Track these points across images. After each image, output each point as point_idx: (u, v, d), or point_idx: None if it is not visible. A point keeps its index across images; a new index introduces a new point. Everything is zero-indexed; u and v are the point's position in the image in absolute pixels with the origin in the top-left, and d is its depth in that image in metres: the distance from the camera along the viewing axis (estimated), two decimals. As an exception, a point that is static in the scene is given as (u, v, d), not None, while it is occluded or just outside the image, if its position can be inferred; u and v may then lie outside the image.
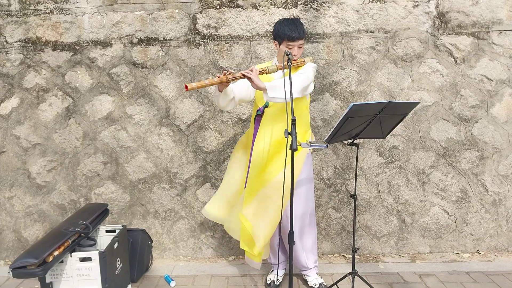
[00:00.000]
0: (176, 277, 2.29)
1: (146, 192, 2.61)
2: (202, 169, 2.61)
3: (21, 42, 2.64)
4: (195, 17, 2.61)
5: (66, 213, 2.61)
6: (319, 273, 2.17)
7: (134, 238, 2.27)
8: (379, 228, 2.59)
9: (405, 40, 2.61)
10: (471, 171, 2.59)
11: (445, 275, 2.25)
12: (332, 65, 2.62)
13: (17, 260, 1.59)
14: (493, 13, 2.59)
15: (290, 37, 1.83)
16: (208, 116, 2.62)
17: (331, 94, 2.61)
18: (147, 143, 2.62)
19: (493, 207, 2.58)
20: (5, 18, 2.64)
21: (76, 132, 2.63)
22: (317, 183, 2.57)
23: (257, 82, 1.71)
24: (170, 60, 2.63)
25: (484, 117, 2.60)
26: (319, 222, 2.57)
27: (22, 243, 2.61)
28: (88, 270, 1.77)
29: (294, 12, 2.60)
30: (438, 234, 2.58)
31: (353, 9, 2.60)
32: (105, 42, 2.63)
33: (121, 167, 2.61)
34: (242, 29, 2.61)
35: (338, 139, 1.69)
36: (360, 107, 1.53)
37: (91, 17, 2.62)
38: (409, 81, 2.61)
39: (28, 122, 2.63)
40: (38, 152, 2.63)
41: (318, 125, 2.60)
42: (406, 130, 2.60)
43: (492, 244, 2.57)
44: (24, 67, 2.65)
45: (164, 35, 2.62)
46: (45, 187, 2.62)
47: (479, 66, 2.61)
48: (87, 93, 2.64)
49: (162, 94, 2.64)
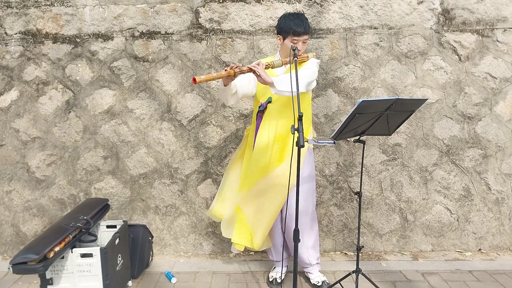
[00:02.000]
0: (176, 273, 2.27)
1: (146, 187, 2.59)
2: (204, 165, 2.59)
3: (21, 34, 2.59)
4: (198, 11, 2.58)
5: (65, 208, 2.58)
6: (321, 271, 2.16)
7: (135, 234, 2.25)
8: (381, 225, 2.57)
9: (409, 36, 2.59)
10: (474, 169, 2.58)
11: (448, 274, 2.24)
12: (336, 61, 2.59)
13: (17, 255, 1.56)
14: (498, 10, 2.58)
15: (295, 32, 1.81)
16: (210, 111, 2.59)
17: (334, 90, 2.58)
18: (148, 138, 2.59)
19: (496, 206, 2.57)
20: (5, 10, 2.59)
21: (76, 126, 2.59)
22: (319, 180, 2.56)
23: (264, 76, 1.70)
24: (172, 54, 2.60)
25: (487, 115, 2.59)
26: (321, 220, 2.56)
27: (20, 238, 2.58)
28: (89, 266, 1.75)
29: (298, 7, 2.57)
30: (441, 232, 2.57)
31: (357, 4, 2.57)
32: (106, 35, 2.59)
33: (121, 162, 2.58)
34: (245, 23, 2.58)
35: (345, 135, 1.67)
36: (368, 104, 1.52)
37: (92, 9, 2.58)
38: (412, 78, 2.59)
39: (28, 115, 2.60)
40: (37, 145, 2.59)
41: (321, 122, 2.58)
42: (409, 128, 2.58)
43: (494, 243, 2.57)
44: (24, 60, 2.61)
45: (166, 28, 2.58)
46: (45, 181, 2.59)
47: (483, 64, 2.59)
48: (88, 86, 2.60)
49: (164, 89, 2.60)
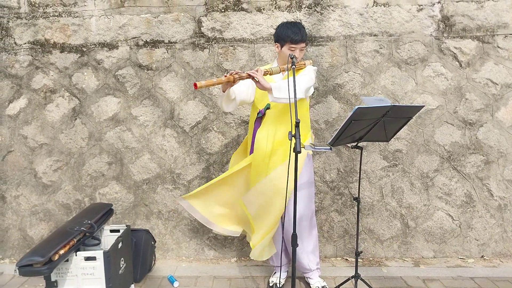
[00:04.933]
0: (178, 277, 2.29)
1: (150, 192, 2.63)
2: (205, 170, 2.62)
3: (30, 44, 2.69)
4: (200, 20, 2.64)
5: (71, 213, 2.63)
6: (322, 276, 2.17)
7: (137, 238, 2.29)
8: (382, 231, 2.57)
9: (409, 43, 2.61)
10: (476, 176, 2.57)
11: (450, 280, 2.23)
12: (336, 68, 2.62)
13: (23, 258, 1.60)
14: (498, 17, 2.59)
15: (293, 40, 1.85)
16: (212, 117, 2.64)
17: (334, 97, 2.61)
18: (152, 144, 2.65)
19: (498, 212, 2.55)
20: (14, 21, 2.69)
21: (82, 132, 2.66)
22: (320, 186, 2.57)
23: (263, 82, 1.73)
24: (175, 62, 2.66)
25: (489, 121, 2.58)
26: (322, 225, 2.57)
27: (27, 242, 2.64)
28: (93, 269, 1.78)
29: (298, 15, 2.61)
30: (442, 239, 2.56)
31: (357, 12, 2.61)
32: (112, 44, 2.67)
33: (125, 168, 2.64)
34: (246, 32, 2.63)
35: (342, 142, 1.69)
36: (364, 110, 1.54)
37: (98, 19, 2.66)
38: (413, 85, 2.61)
39: (36, 122, 2.67)
40: (44, 152, 2.66)
41: (322, 128, 2.60)
42: (410, 134, 2.59)
43: (497, 250, 2.55)
44: (33, 69, 2.70)
45: (169, 37, 2.65)
46: (51, 186, 2.65)
47: (484, 70, 2.60)
48: (93, 94, 2.67)
49: (167, 96, 2.66)
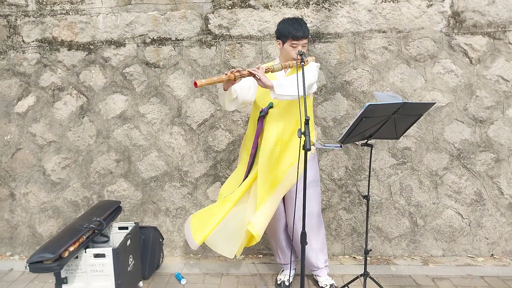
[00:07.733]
0: (186, 275, 2.30)
1: (157, 190, 2.64)
2: (213, 168, 2.62)
3: (37, 42, 2.70)
4: (207, 17, 2.63)
5: (79, 210, 2.65)
6: (330, 274, 2.16)
7: (146, 236, 2.30)
8: (390, 230, 2.56)
9: (418, 40, 2.58)
10: (486, 174, 2.54)
11: (459, 279, 2.21)
12: (344, 65, 2.60)
13: (34, 255, 1.62)
14: (510, 12, 2.54)
15: (295, 36, 1.83)
16: (219, 115, 2.63)
17: (342, 94, 2.59)
18: (159, 142, 2.65)
19: (508, 211, 2.52)
20: (22, 19, 2.70)
21: (90, 130, 2.67)
22: (328, 184, 2.56)
23: (264, 80, 1.71)
24: (182, 60, 2.65)
25: (500, 118, 2.55)
26: (330, 223, 2.56)
27: (36, 239, 2.66)
28: (102, 266, 1.80)
29: (306, 12, 2.59)
30: (452, 237, 2.54)
31: (366, 8, 2.58)
32: (119, 42, 2.67)
33: (133, 165, 2.65)
34: (253, 29, 2.62)
35: (352, 139, 1.68)
36: (375, 108, 1.52)
37: (105, 17, 2.66)
38: (422, 82, 2.58)
39: (44, 120, 2.69)
40: (53, 149, 2.68)
41: (330, 125, 2.58)
42: (418, 131, 2.56)
43: (507, 248, 2.52)
44: (41, 66, 2.71)
45: (176, 35, 2.64)
46: (59, 183, 2.67)
47: (494, 67, 2.56)
48: (101, 92, 2.68)
49: (174, 94, 2.66)
